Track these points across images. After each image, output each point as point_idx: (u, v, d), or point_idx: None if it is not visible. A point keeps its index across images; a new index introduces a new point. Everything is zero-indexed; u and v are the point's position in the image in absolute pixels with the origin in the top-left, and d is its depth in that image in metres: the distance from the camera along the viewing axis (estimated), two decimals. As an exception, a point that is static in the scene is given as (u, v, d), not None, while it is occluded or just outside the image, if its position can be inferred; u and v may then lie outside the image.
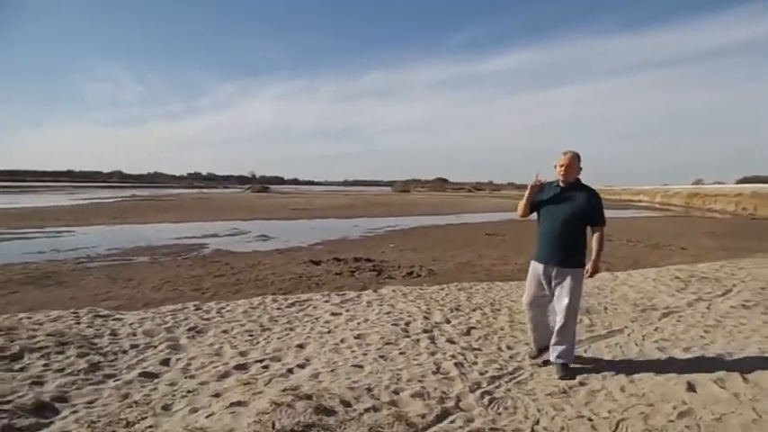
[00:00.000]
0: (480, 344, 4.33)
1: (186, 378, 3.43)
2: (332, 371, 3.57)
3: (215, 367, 3.64)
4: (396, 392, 3.18)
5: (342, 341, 4.31)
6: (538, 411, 2.97)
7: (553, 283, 3.56)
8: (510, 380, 3.49)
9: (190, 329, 4.58)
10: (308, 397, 2.94)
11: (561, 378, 3.48)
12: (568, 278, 3.50)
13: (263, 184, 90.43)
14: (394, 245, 12.57)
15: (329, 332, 4.60)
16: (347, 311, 5.36)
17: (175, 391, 3.17)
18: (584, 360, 3.87)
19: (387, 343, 4.26)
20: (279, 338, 4.38)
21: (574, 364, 3.64)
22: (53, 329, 4.27)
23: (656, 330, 4.68)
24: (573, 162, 3.54)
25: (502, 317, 5.21)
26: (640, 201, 51.09)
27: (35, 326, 4.40)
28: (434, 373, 3.57)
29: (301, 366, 3.69)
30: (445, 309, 5.51)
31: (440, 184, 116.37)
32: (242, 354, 3.96)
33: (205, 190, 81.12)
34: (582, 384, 3.37)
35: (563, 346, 3.60)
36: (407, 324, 4.86)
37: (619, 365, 3.74)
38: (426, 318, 5.10)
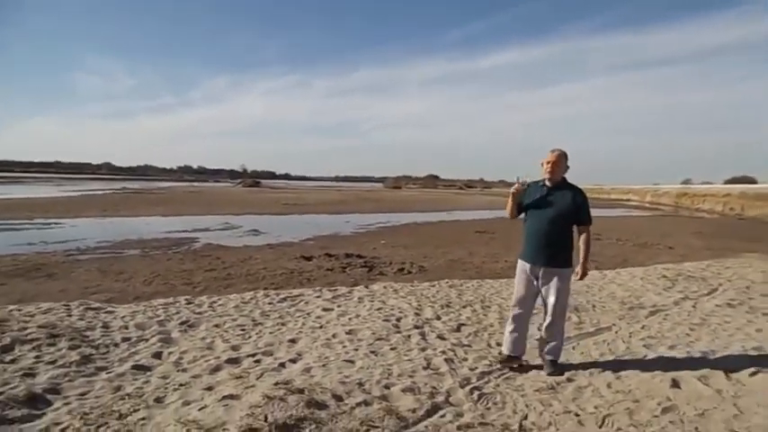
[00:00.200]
0: (470, 340, 4.39)
1: (179, 371, 3.45)
2: (324, 365, 3.60)
3: (207, 361, 3.65)
4: (387, 387, 3.22)
5: (333, 336, 4.34)
6: (526, 407, 3.02)
7: (540, 282, 3.59)
8: (499, 376, 3.54)
9: (182, 323, 4.59)
10: (301, 391, 2.97)
11: (550, 374, 3.53)
12: (555, 277, 3.53)
13: (255, 179, 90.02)
14: (385, 241, 12.60)
15: (321, 327, 4.63)
16: (339, 307, 5.39)
17: (168, 384, 3.19)
18: (572, 357, 3.94)
19: (378, 338, 4.30)
20: (271, 333, 4.40)
21: (562, 361, 3.70)
22: (44, 321, 4.26)
23: (643, 328, 4.76)
24: (560, 160, 3.57)
25: (492, 314, 5.27)
26: (630, 200, 51.56)
27: (26, 318, 4.38)
28: (425, 369, 3.61)
29: (293, 361, 3.71)
30: (436, 305, 5.56)
31: (431, 181, 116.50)
32: (234, 348, 3.98)
33: (196, 183, 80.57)
34: (569, 380, 3.43)
35: (552, 344, 3.65)
36: (398, 320, 4.90)
37: (606, 362, 3.81)
38: (417, 314, 5.14)
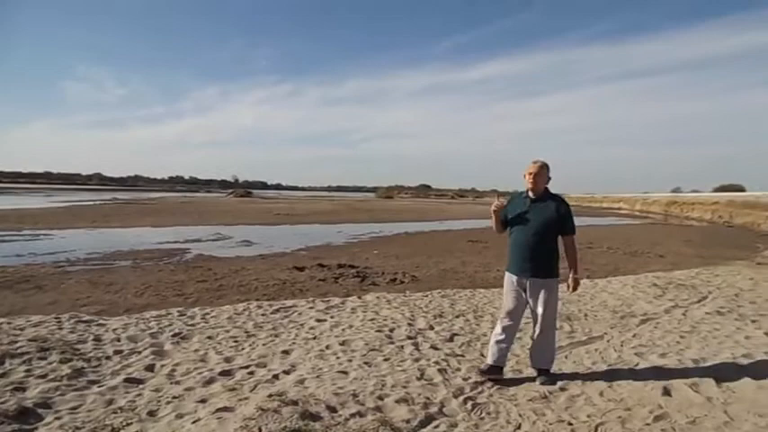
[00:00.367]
0: (463, 350, 4.40)
1: (171, 384, 3.43)
2: (317, 377, 3.60)
3: (200, 373, 3.64)
4: (380, 398, 3.22)
5: (327, 347, 4.34)
6: (519, 416, 3.03)
7: (528, 293, 3.59)
8: (492, 385, 3.54)
9: (174, 335, 4.56)
10: (294, 403, 2.97)
11: (542, 384, 3.54)
12: (543, 288, 3.54)
13: (246, 189, 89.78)
14: (377, 251, 12.60)
15: (314, 338, 4.62)
16: (332, 318, 5.39)
17: (161, 397, 3.17)
18: (564, 366, 3.96)
19: (371, 349, 4.31)
20: (264, 344, 4.39)
21: (554, 371, 3.72)
22: (35, 335, 4.23)
23: (635, 336, 4.79)
24: (542, 171, 3.60)
25: (485, 323, 5.28)
26: (620, 208, 51.94)
27: (16, 331, 4.35)
28: (418, 379, 3.62)
29: (287, 372, 3.71)
30: (429, 315, 5.57)
31: (423, 191, 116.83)
32: (227, 360, 3.97)
33: (187, 194, 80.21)
34: (562, 390, 3.44)
35: (543, 354, 3.67)
36: (392, 330, 4.90)
37: (598, 371, 3.83)
38: (410, 324, 5.15)
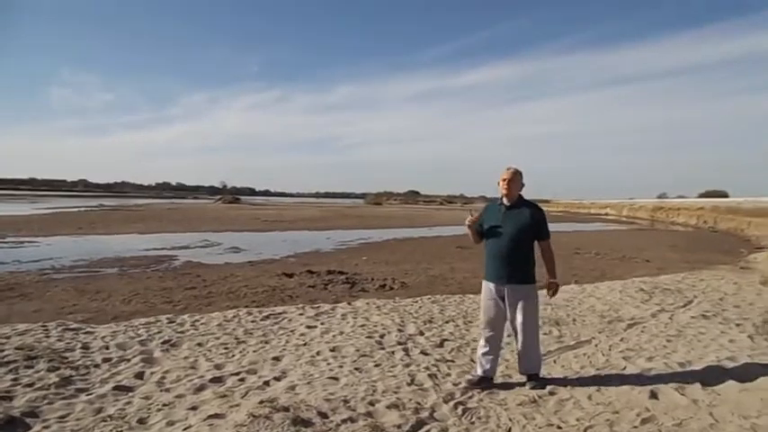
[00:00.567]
0: (453, 356, 4.42)
1: (162, 391, 3.41)
2: (308, 383, 3.60)
3: (190, 380, 3.62)
4: (371, 404, 3.22)
5: (317, 354, 4.34)
6: (509, 420, 3.05)
7: (507, 302, 3.59)
8: (482, 390, 3.56)
9: (164, 342, 4.54)
10: (286, 409, 2.96)
11: (532, 388, 3.55)
12: (521, 295, 3.55)
13: (235, 195, 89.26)
14: (367, 258, 12.62)
15: (305, 345, 4.62)
16: (322, 324, 5.39)
17: (151, 405, 3.15)
18: (553, 370, 4.00)
19: (362, 355, 4.32)
20: (254, 351, 4.38)
21: (543, 375, 3.75)
22: (21, 343, 4.18)
23: (622, 341, 4.85)
24: (515, 177, 3.63)
25: (474, 329, 5.31)
26: (607, 214, 52.52)
27: (2, 339, 4.29)
28: (409, 385, 3.63)
29: (278, 379, 3.70)
30: (419, 321, 5.59)
31: (412, 197, 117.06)
32: (217, 367, 3.96)
33: (175, 200, 79.57)
34: (551, 394, 3.46)
35: (531, 360, 3.67)
36: (382, 336, 4.92)
37: (586, 375, 3.87)
38: (400, 330, 5.17)
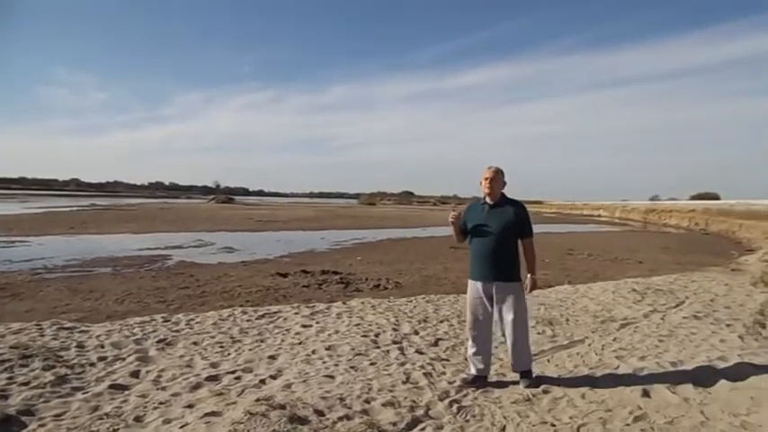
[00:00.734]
0: (448, 354, 4.45)
1: (158, 390, 3.41)
2: (304, 381, 3.61)
3: (186, 379, 3.62)
4: (367, 401, 3.25)
5: (313, 352, 4.35)
6: (504, 418, 3.08)
7: (495, 300, 3.61)
8: (477, 389, 3.58)
9: (159, 341, 4.53)
10: (282, 407, 2.97)
11: (525, 387, 3.58)
12: (509, 292, 3.57)
13: (228, 195, 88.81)
14: (361, 258, 12.63)
15: (300, 343, 4.63)
16: (317, 323, 5.40)
17: (147, 403, 3.15)
18: (547, 369, 4.03)
19: (357, 354, 4.33)
20: (250, 350, 4.39)
21: (537, 373, 3.78)
22: (16, 342, 4.17)
23: (615, 340, 4.89)
24: (497, 176, 3.66)
25: (469, 328, 5.33)
26: (600, 216, 52.81)
27: (-4, 338, 4.28)
28: (404, 383, 3.65)
29: (273, 377, 3.72)
30: (413, 320, 5.61)
31: (406, 198, 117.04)
32: (213, 365, 3.96)
33: (168, 200, 79.15)
34: (545, 392, 3.49)
35: (522, 356, 3.67)
36: (377, 335, 4.94)
37: (580, 374, 3.90)
38: (395, 329, 5.19)
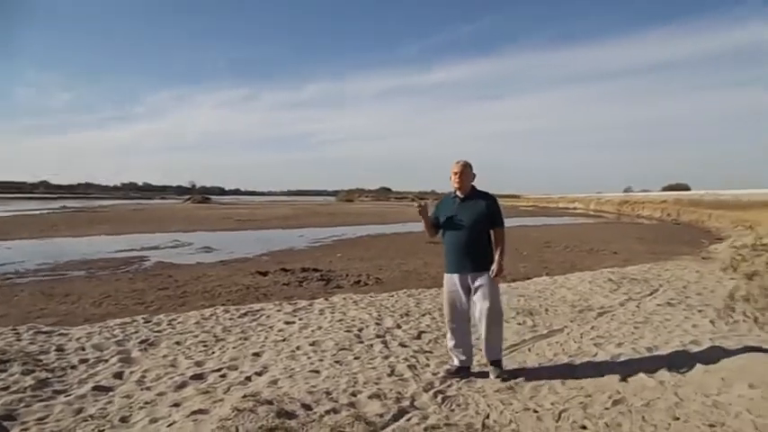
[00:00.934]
0: (431, 347, 4.50)
1: (142, 390, 3.39)
2: (290, 377, 3.63)
3: (171, 378, 3.61)
4: (353, 395, 3.28)
5: (297, 348, 4.37)
6: (488, 406, 3.15)
7: (471, 290, 3.67)
8: (460, 379, 3.65)
9: (141, 342, 4.49)
10: (269, 402, 2.99)
11: (497, 377, 3.60)
12: (484, 282, 3.62)
13: (204, 195, 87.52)
14: (341, 254, 12.63)
15: (284, 340, 4.64)
16: (300, 320, 5.41)
17: (132, 403, 3.13)
18: (528, 358, 4.13)
19: (341, 349, 4.36)
20: (234, 348, 4.38)
21: (520, 362, 3.86)
22: (-9, 347, 4.08)
23: (593, 328, 5.02)
24: (465, 170, 3.73)
25: (451, 320, 5.41)
26: (576, 208, 53.74)
27: (-30, 344, 4.18)
28: (389, 376, 3.70)
29: (259, 374, 3.72)
30: (396, 315, 5.66)
31: (384, 194, 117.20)
32: (198, 364, 3.95)
33: (142, 201, 77.69)
34: (527, 380, 3.57)
35: (493, 347, 3.71)
36: (360, 330, 4.97)
37: (560, 362, 4.00)
38: (378, 324, 5.23)
